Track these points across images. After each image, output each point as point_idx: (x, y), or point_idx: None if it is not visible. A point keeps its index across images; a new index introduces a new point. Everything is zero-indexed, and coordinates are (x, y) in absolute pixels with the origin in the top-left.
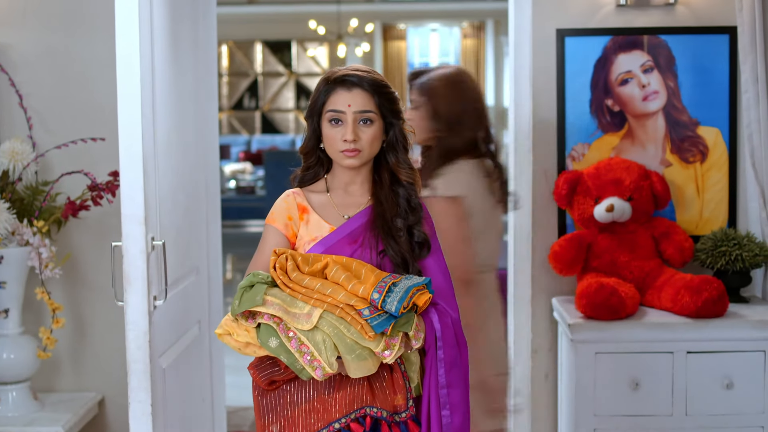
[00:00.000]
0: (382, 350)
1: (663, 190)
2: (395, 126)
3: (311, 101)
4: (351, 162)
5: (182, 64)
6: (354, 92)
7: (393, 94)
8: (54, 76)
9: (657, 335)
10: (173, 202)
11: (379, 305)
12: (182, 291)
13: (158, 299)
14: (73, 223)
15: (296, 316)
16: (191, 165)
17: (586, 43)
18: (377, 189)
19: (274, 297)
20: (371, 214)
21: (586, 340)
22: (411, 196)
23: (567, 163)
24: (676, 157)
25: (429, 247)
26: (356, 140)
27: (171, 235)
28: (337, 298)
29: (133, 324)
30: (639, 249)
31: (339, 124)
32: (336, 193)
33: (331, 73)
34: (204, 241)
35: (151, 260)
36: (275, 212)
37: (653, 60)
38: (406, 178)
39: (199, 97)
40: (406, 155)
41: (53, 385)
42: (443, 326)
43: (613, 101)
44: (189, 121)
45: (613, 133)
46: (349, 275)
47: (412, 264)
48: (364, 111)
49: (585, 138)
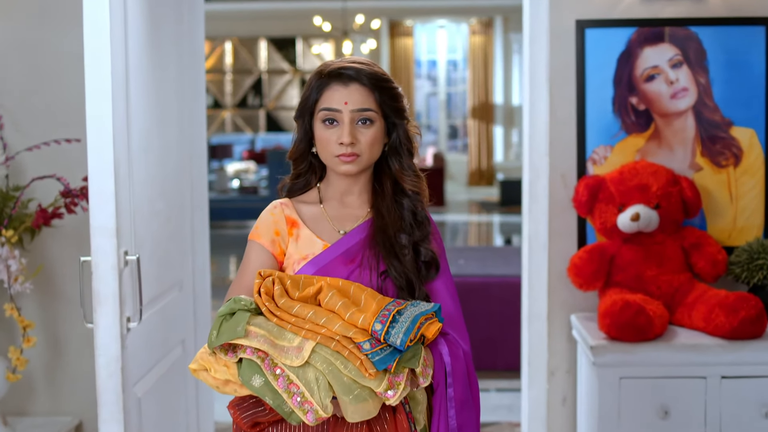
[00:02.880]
0: (385, 390)
1: (693, 197)
2: (399, 127)
3: (302, 98)
4: (348, 168)
5: (164, 60)
6: (351, 88)
7: (396, 90)
8: (26, 72)
9: (688, 358)
10: (151, 210)
11: (382, 338)
12: (162, 309)
13: (132, 321)
14: (47, 233)
15: (284, 350)
16: (174, 169)
17: (608, 36)
18: (378, 200)
19: (258, 327)
20: (371, 229)
21: (609, 364)
22: (417, 208)
23: (587, 167)
24: (707, 160)
25: (437, 267)
26: (354, 143)
27: (148, 247)
28: (332, 329)
29: (103, 349)
30: (667, 262)
31: (334, 125)
32: (330, 205)
33: (325, 66)
34: (188, 253)
35: (124, 277)
36: (260, 226)
37: (682, 54)
38: (411, 187)
39: (184, 95)
40: (411, 160)
41: (26, 409)
42: (454, 360)
43: (638, 99)
44: (171, 120)
45: (638, 134)
46: (347, 302)
47: (419, 287)
48: (362, 109)
49: (607, 139)
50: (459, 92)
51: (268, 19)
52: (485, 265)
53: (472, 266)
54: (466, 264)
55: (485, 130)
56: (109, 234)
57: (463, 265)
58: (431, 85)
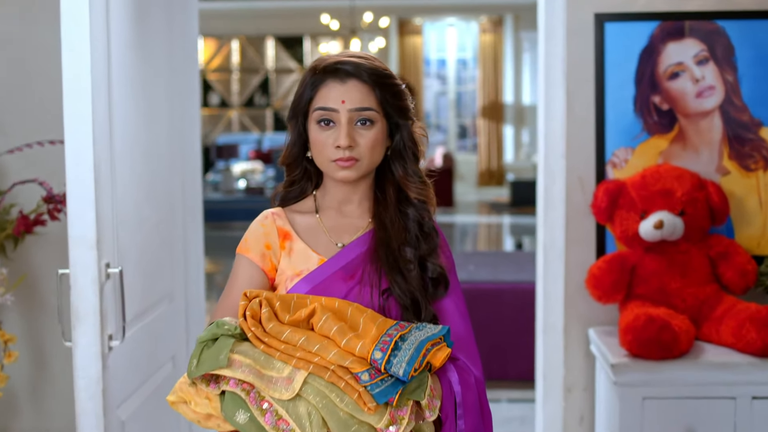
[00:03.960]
0: (386, 426)
1: (721, 203)
2: (403, 128)
3: (295, 97)
4: (346, 174)
5: (152, 58)
6: (349, 85)
7: (399, 87)
8: (6, 69)
9: (716, 377)
10: (138, 217)
11: (383, 367)
12: (150, 323)
13: (114, 339)
14: (30, 241)
15: (273, 382)
16: (163, 172)
17: (629, 30)
18: (380, 209)
19: (243, 356)
20: (372, 242)
21: (631, 383)
22: (423, 219)
23: (607, 171)
24: (734, 163)
25: (446, 284)
26: (352, 146)
27: (133, 257)
28: (326, 358)
29: (83, 370)
30: (693, 273)
31: (330, 126)
32: (327, 215)
33: (320, 61)
34: (180, 262)
35: (105, 291)
36: (249, 239)
37: (708, 50)
38: (416, 195)
39: (176, 95)
40: (417, 165)
41: (9, 427)
42: (465, 388)
43: (661, 98)
44: (161, 121)
45: (661, 136)
46: (343, 326)
47: (425, 307)
48: (362, 108)
49: (628, 141)
50: (468, 91)
51: (276, 18)
52: (496, 271)
53: (482, 272)
54: (476, 270)
55: (495, 130)
56: (88, 245)
57: (474, 270)
58: (440, 85)
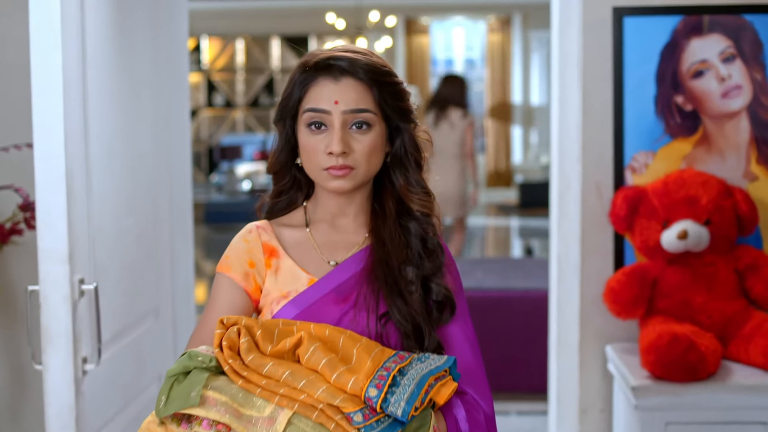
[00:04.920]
0: None
1: (749, 211)
2: (404, 132)
3: (282, 97)
4: (339, 184)
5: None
6: (343, 83)
7: (400, 86)
8: None
9: (746, 401)
10: (117, 228)
11: (378, 406)
12: (133, 343)
13: (89, 362)
14: (8, 252)
15: (252, 422)
16: (147, 179)
17: (650, 25)
18: (378, 223)
19: (218, 392)
20: (369, 260)
21: (654, 408)
22: (427, 234)
23: (626, 176)
24: (763, 168)
25: (453, 307)
26: (347, 152)
27: (112, 272)
28: (314, 395)
29: (54, 396)
30: (719, 286)
31: (322, 130)
32: (319, 229)
33: (311, 57)
34: (167, 274)
35: (79, 310)
36: (231, 256)
37: (735, 46)
38: (419, 208)
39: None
40: (419, 174)
41: None
42: (473, 426)
43: (684, 98)
44: (145, 125)
45: (684, 139)
46: (334, 358)
47: (429, 334)
48: (357, 110)
49: (649, 144)
50: (476, 92)
51: (281, 17)
52: (505, 278)
53: (490, 279)
54: (484, 276)
55: (503, 131)
56: (60, 259)
57: (481, 277)
58: None
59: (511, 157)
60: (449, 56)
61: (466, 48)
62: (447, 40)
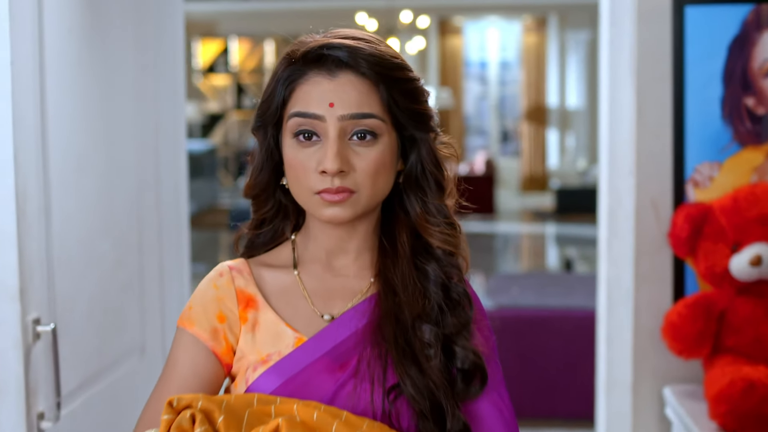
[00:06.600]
0: None
1: None
2: (421, 144)
3: (262, 98)
4: (336, 213)
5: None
6: (341, 79)
7: (415, 83)
8: None
9: None
10: (87, 256)
11: None
12: (108, 389)
13: (46, 419)
14: None
15: None
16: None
17: (716, 15)
18: (387, 265)
19: None
20: (375, 314)
21: None
22: (451, 279)
23: (687, 191)
24: None
25: (484, 377)
26: (345, 171)
27: (80, 308)
28: None
29: None
30: None
31: (313, 141)
32: (310, 271)
33: (299, 45)
34: (155, 306)
35: (34, 357)
36: (195, 306)
37: None
38: (441, 244)
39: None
40: (441, 199)
41: None
42: None
43: (755, 100)
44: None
45: (755, 147)
46: None
47: (452, 413)
48: (359, 115)
49: (714, 154)
50: (511, 94)
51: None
52: (543, 295)
53: (527, 296)
54: (520, 293)
55: (539, 134)
56: (8, 296)
57: (517, 294)
58: (481, 87)
59: (546, 161)
60: (483, 58)
61: (500, 49)
62: (481, 41)
